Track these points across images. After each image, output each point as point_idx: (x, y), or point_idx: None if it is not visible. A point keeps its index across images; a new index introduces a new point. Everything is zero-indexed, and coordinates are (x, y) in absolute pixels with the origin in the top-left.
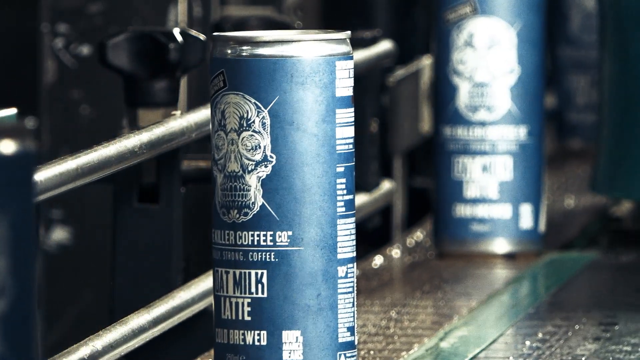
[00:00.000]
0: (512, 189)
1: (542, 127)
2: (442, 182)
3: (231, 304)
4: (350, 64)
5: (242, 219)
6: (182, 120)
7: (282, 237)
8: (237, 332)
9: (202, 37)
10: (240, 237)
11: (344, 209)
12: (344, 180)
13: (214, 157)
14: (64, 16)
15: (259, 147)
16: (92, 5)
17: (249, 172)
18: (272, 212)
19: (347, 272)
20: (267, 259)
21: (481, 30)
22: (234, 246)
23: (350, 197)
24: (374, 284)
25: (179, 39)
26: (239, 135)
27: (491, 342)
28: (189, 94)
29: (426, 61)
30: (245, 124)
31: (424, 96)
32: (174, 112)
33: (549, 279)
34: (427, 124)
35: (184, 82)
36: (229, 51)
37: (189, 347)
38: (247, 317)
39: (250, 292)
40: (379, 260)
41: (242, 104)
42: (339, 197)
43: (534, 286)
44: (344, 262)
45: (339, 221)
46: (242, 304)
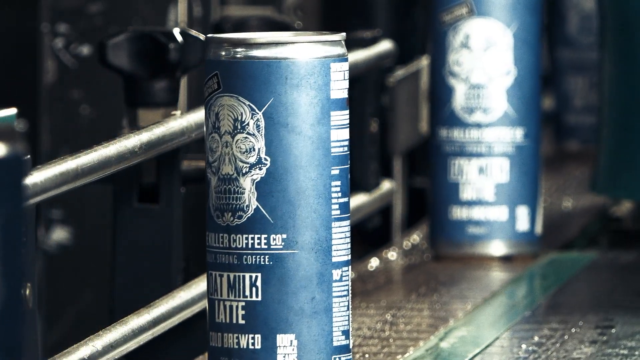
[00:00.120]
0: (509, 191)
1: (538, 128)
2: (438, 184)
3: (225, 307)
4: (345, 65)
5: (237, 221)
6: (182, 120)
7: (277, 240)
8: (231, 335)
9: (202, 37)
10: (234, 240)
11: (338, 212)
12: (338, 182)
13: (208, 159)
14: (64, 16)
15: (254, 150)
16: (92, 5)
17: (243, 174)
18: (267, 215)
19: (341, 275)
20: (262, 262)
21: (477, 31)
22: (228, 249)
23: (345, 199)
24: (370, 286)
25: (179, 39)
26: (233, 137)
27: (487, 346)
28: (189, 94)
29: (426, 61)
30: (239, 126)
31: (424, 96)
32: (174, 112)
33: (548, 279)
34: (426, 124)
35: (184, 82)
36: (223, 53)
37: (189, 347)
38: (242, 321)
39: (244, 296)
40: (374, 262)
41: (237, 106)
42: (333, 200)
43: (532, 288)
44: (339, 265)
45: (334, 224)
46: (236, 307)
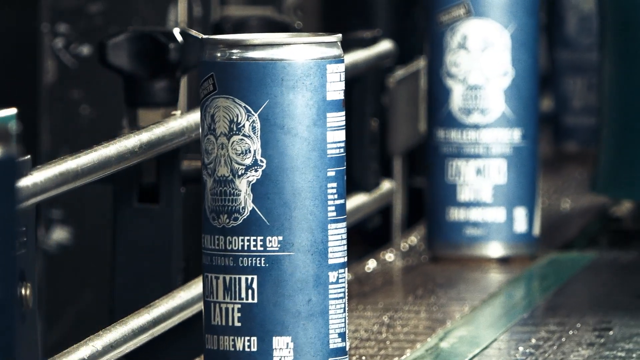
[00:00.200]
0: (506, 193)
1: (536, 129)
2: (435, 186)
3: (221, 309)
4: (341, 67)
5: (232, 223)
6: (182, 120)
7: (273, 242)
8: (227, 338)
9: (202, 37)
10: (230, 242)
11: (334, 214)
12: (334, 184)
13: (203, 161)
14: (64, 16)
15: (249, 152)
16: (92, 5)
17: (239, 176)
18: (263, 217)
19: (338, 278)
20: (258, 264)
21: (475, 32)
22: (223, 251)
23: (341, 201)
24: (367, 288)
25: (179, 39)
26: (228, 139)
27: (484, 348)
28: (189, 94)
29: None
30: (235, 128)
31: (424, 96)
32: (174, 112)
33: (548, 279)
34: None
35: (184, 82)
36: (218, 54)
37: (189, 347)
38: (238, 323)
39: (240, 298)
40: (372, 264)
41: (232, 108)
42: (329, 202)
43: (530, 289)
44: (335, 267)
45: (330, 226)
46: (232, 309)
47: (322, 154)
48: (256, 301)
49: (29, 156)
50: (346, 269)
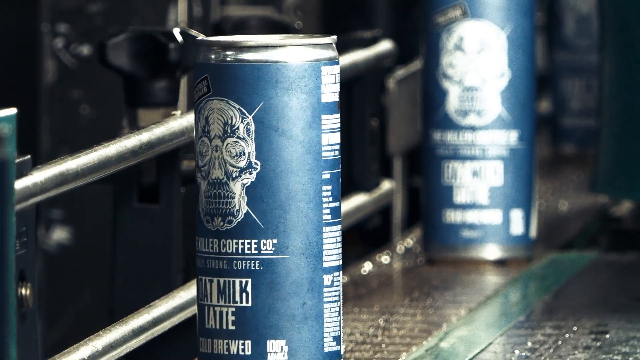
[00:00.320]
0: (503, 195)
1: (533, 131)
2: (431, 188)
3: (215, 313)
4: (336, 69)
5: (226, 226)
6: (182, 120)
7: (267, 245)
8: (221, 341)
9: (202, 37)
10: (224, 245)
11: (329, 217)
12: (329, 187)
13: (197, 163)
14: (64, 16)
15: (244, 154)
16: (92, 5)
17: (234, 179)
18: (257, 220)
19: (332, 281)
20: (252, 268)
21: (471, 33)
22: (217, 254)
23: (336, 204)
24: (363, 291)
25: (179, 39)
26: (223, 141)
27: (480, 351)
28: (189, 94)
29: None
30: (229, 130)
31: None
32: (174, 112)
33: (548, 280)
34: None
35: (184, 82)
36: (212, 56)
37: (189, 347)
38: (232, 327)
39: (234, 301)
40: (368, 266)
41: (226, 110)
42: (324, 205)
43: (527, 292)
44: (330, 270)
45: (325, 229)
46: (226, 313)
47: (317, 156)
48: (250, 304)
49: (29, 156)
50: (341, 272)
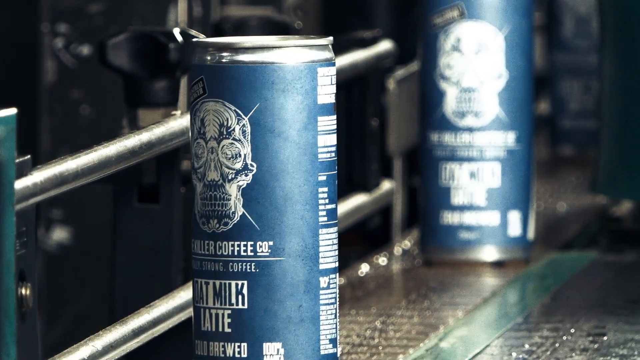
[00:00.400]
0: (500, 196)
1: (530, 132)
2: (429, 189)
3: (211, 315)
4: (332, 70)
5: (222, 228)
6: (182, 120)
7: (263, 247)
8: (217, 344)
9: (202, 37)
10: (220, 247)
11: (326, 219)
12: (325, 189)
13: (193, 165)
14: (64, 16)
15: (239, 156)
16: (92, 5)
17: (229, 181)
18: (253, 222)
19: (329, 283)
20: (248, 270)
21: (468, 34)
22: (213, 256)
23: (332, 206)
24: (359, 293)
25: (179, 39)
26: (218, 143)
27: (477, 354)
28: (189, 94)
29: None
30: (225, 132)
31: None
32: (174, 112)
33: (547, 280)
34: None
35: (184, 82)
36: (208, 57)
37: (189, 347)
38: (228, 329)
39: (230, 304)
40: (365, 268)
41: (222, 112)
42: (320, 207)
43: (525, 293)
44: (326, 272)
45: (321, 231)
46: (222, 315)
47: (313, 158)
48: (246, 307)
49: (29, 156)
50: (337, 274)
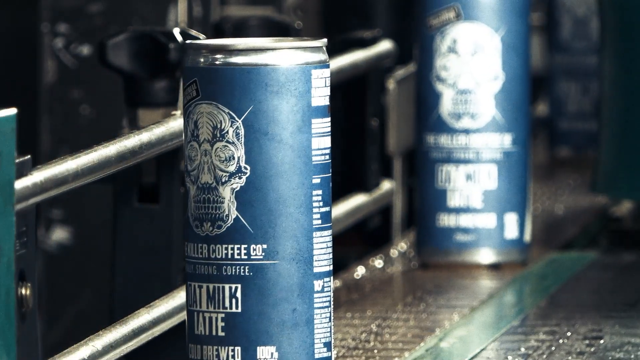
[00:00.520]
0: (497, 198)
1: (527, 134)
2: (425, 191)
3: (204, 319)
4: (326, 72)
5: (216, 231)
6: (182, 120)
7: (257, 251)
8: (210, 348)
9: (202, 37)
10: (213, 251)
11: (320, 222)
12: (320, 192)
13: (186, 168)
14: (64, 16)
15: (233, 158)
16: (92, 5)
17: (223, 183)
18: (247, 225)
19: (323, 286)
20: (242, 273)
21: (465, 36)
22: (207, 260)
23: (326, 209)
24: (355, 295)
25: (179, 39)
26: (212, 145)
27: (472, 357)
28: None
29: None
30: (218, 135)
31: None
32: (174, 112)
33: (547, 280)
34: None
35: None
36: (201, 59)
37: None
38: (221, 333)
39: (224, 307)
40: (361, 270)
41: (216, 114)
42: (315, 209)
43: (522, 295)
44: (320, 275)
45: (315, 234)
46: (216, 319)
47: (307, 160)
48: (240, 310)
49: (29, 156)
50: (332, 278)
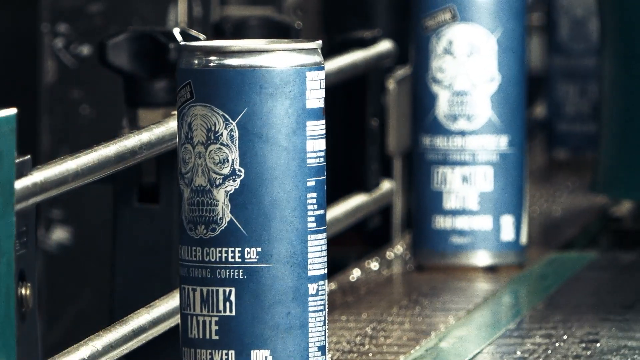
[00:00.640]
0: (493, 200)
1: (523, 136)
2: (421, 193)
3: (198, 322)
4: (321, 74)
5: (210, 234)
6: None
7: (251, 254)
8: (204, 351)
9: (202, 37)
10: (207, 254)
11: (314, 225)
12: (314, 194)
13: (180, 170)
14: (64, 16)
15: (227, 161)
16: (92, 5)
17: (217, 186)
18: (241, 228)
19: (317, 290)
20: (236, 276)
21: (461, 37)
22: (201, 263)
23: (321, 212)
24: (350, 298)
25: (179, 39)
26: (206, 148)
27: None
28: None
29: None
30: (212, 137)
31: None
32: (174, 112)
33: (547, 280)
34: None
35: None
36: (195, 61)
37: None
38: (215, 336)
39: (218, 311)
40: (356, 273)
41: (210, 116)
42: (309, 212)
43: (518, 297)
44: (315, 279)
45: (310, 237)
46: (210, 322)
47: (302, 163)
48: (234, 314)
49: (29, 156)
50: (326, 281)
